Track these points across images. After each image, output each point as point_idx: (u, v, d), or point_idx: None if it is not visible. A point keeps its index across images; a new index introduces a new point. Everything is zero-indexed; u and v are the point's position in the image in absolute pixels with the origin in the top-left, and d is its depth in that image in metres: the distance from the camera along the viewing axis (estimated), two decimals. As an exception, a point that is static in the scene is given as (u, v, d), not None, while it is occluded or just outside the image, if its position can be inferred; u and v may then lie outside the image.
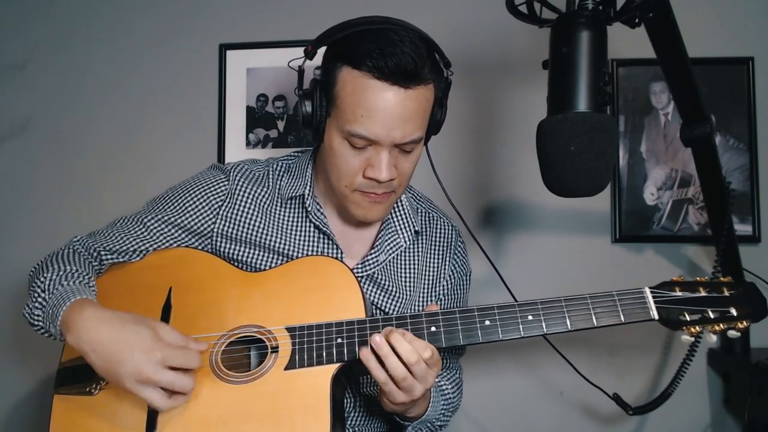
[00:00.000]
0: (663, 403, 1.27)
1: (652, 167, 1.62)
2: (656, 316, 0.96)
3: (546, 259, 1.63)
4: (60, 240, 1.11)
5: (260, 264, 1.10)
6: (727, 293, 0.97)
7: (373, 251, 1.13)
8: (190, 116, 1.73)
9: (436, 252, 1.21)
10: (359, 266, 1.13)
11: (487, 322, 0.96)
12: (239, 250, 1.11)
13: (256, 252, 1.11)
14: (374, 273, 1.13)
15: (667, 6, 1.00)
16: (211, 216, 1.11)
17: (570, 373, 1.30)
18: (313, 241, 1.12)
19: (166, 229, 1.11)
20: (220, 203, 1.11)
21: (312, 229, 1.13)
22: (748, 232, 1.58)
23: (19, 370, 1.72)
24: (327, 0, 1.70)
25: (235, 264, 1.10)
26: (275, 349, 0.99)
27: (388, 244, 1.15)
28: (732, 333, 0.97)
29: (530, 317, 0.96)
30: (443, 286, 1.21)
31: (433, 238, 1.22)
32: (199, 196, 1.11)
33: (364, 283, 1.12)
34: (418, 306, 1.18)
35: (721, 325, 0.96)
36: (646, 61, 1.59)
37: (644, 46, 1.09)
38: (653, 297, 0.96)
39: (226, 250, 1.11)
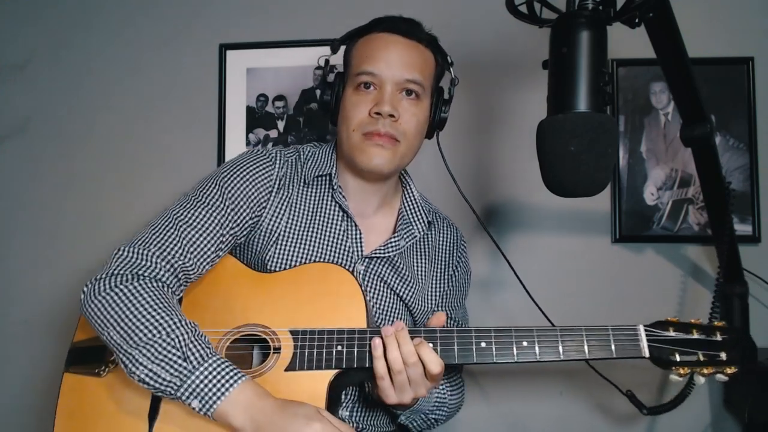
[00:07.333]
0: (680, 404, 1.26)
1: (652, 167, 1.62)
2: (647, 354, 0.98)
3: (546, 259, 1.63)
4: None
5: (280, 253, 1.14)
6: (719, 338, 1.00)
7: (396, 235, 1.21)
8: (190, 116, 1.73)
9: (443, 248, 1.31)
10: (381, 248, 1.19)
11: (483, 344, 0.99)
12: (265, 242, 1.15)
13: (281, 239, 1.14)
14: (394, 257, 1.20)
15: (667, 6, 1.00)
16: (260, 207, 1.15)
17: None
18: (336, 221, 1.18)
19: (224, 237, 1.09)
20: (269, 191, 1.16)
21: (335, 208, 1.19)
22: (748, 232, 1.58)
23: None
24: (328, 0, 1.70)
25: (259, 248, 1.14)
26: (277, 350, 1.01)
27: (406, 233, 1.23)
28: (720, 377, 0.99)
29: (525, 343, 0.99)
30: (448, 279, 1.29)
31: (441, 235, 1.31)
32: (251, 189, 1.14)
33: (383, 266, 1.19)
34: (429, 295, 1.26)
35: (710, 369, 0.98)
36: (646, 61, 1.59)
37: (644, 46, 1.09)
38: (646, 335, 0.99)
39: (256, 242, 1.15)
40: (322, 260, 1.14)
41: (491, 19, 1.60)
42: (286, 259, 1.13)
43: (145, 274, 0.97)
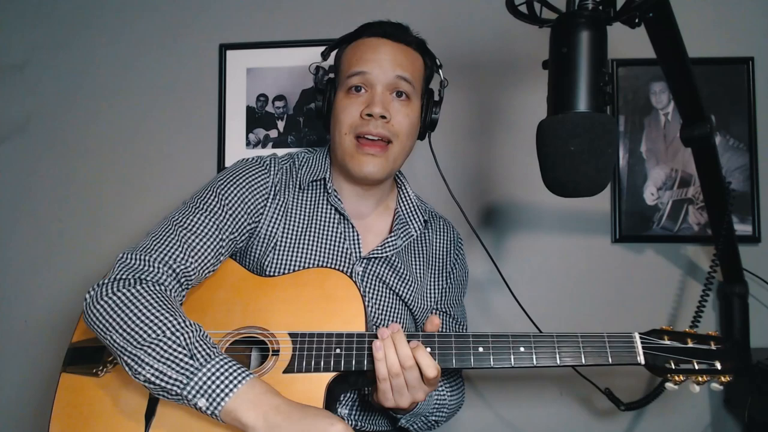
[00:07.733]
0: (655, 399, 1.28)
1: (652, 167, 1.61)
2: (642, 362, 0.99)
3: (546, 259, 1.63)
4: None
5: (280, 255, 1.14)
6: (713, 347, 1.01)
7: (392, 235, 1.22)
8: (190, 116, 1.73)
9: (440, 246, 1.31)
10: (378, 248, 1.20)
11: (481, 349, 1.00)
12: (265, 245, 1.15)
13: (280, 242, 1.15)
14: (392, 256, 1.21)
15: (667, 6, 1.00)
16: (257, 213, 1.16)
17: (571, 374, 1.30)
18: (333, 224, 1.19)
19: (222, 244, 1.09)
20: (266, 198, 1.17)
21: (332, 211, 1.21)
22: (748, 232, 1.58)
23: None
24: (328, 0, 1.70)
25: (258, 255, 1.14)
26: (276, 352, 1.01)
27: (402, 232, 1.24)
28: (714, 386, 1.00)
29: (522, 349, 1.00)
30: (445, 277, 1.30)
31: (437, 234, 1.32)
32: (247, 197, 1.15)
33: (381, 266, 1.20)
34: (428, 293, 1.27)
35: (705, 377, 1.00)
36: (646, 61, 1.59)
37: (644, 46, 1.09)
38: (642, 343, 1.00)
39: (256, 245, 1.15)
40: (320, 263, 1.15)
41: (491, 19, 1.61)
42: (285, 264, 1.13)
43: (148, 278, 0.98)
